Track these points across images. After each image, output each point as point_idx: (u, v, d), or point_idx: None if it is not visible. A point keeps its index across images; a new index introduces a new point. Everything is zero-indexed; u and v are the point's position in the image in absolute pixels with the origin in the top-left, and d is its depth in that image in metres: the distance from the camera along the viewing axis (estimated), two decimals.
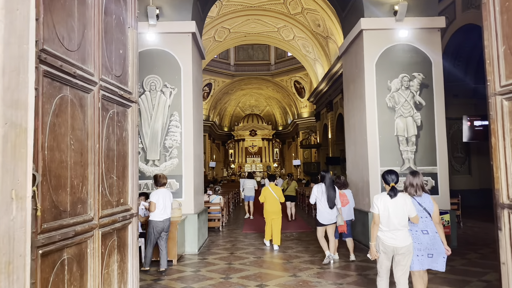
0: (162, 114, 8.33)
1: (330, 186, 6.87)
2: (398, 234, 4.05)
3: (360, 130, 8.74)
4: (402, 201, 4.11)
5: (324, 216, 6.82)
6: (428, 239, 4.22)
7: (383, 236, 4.12)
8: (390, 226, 4.06)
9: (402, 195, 4.20)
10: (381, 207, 4.13)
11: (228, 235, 10.24)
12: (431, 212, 4.28)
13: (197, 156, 8.84)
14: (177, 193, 8.19)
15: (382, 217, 4.12)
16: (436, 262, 4.22)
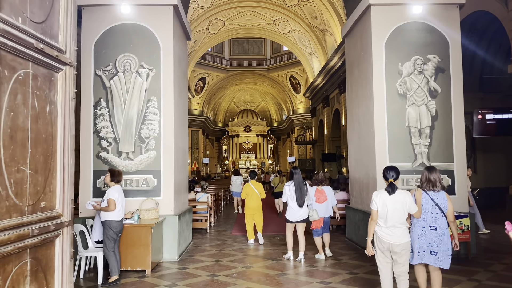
0: (138, 99, 7.07)
1: (299, 184, 6.58)
2: (395, 231, 4.00)
3: (366, 121, 7.53)
4: (401, 198, 4.06)
5: (293, 214, 6.60)
6: (434, 236, 4.17)
7: (380, 232, 4.08)
8: (388, 223, 4.01)
9: (402, 192, 4.14)
10: (380, 203, 4.07)
11: (215, 238, 9.02)
12: (444, 209, 4.21)
13: (179, 148, 7.59)
14: (154, 191, 6.95)
15: (381, 213, 4.07)
16: (440, 260, 4.16)
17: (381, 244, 4.09)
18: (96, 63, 7.09)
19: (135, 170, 6.96)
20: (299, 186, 6.59)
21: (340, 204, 9.84)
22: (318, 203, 6.86)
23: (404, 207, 4.03)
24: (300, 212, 6.57)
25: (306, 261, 6.69)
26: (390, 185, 4.16)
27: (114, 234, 5.60)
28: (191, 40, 29.57)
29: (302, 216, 6.59)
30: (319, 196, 6.91)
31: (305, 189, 6.62)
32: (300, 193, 6.54)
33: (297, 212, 6.56)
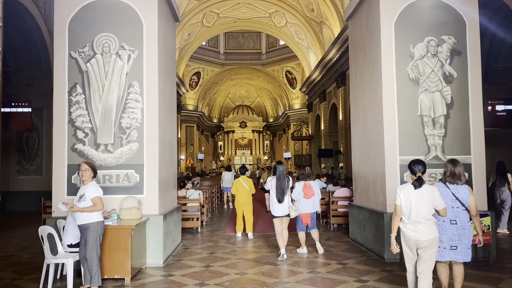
0: (118, 84, 6.21)
1: (280, 179, 6.34)
2: (419, 227, 3.80)
3: (373, 109, 6.73)
4: (427, 193, 3.84)
5: (275, 208, 6.38)
6: (455, 230, 4.05)
7: (404, 229, 3.91)
8: (411, 218, 3.83)
9: (428, 187, 3.91)
10: (403, 198, 3.91)
11: (207, 238, 8.20)
12: (465, 203, 4.08)
13: (166, 141, 6.75)
14: (137, 188, 6.10)
15: (404, 208, 3.88)
16: (460, 254, 4.04)
17: (406, 241, 3.91)
18: (71, 43, 6.22)
19: (115, 164, 6.12)
20: (280, 181, 6.34)
21: (342, 201, 9.06)
22: (306, 199, 6.63)
23: (429, 202, 3.80)
24: (281, 207, 6.34)
25: (307, 265, 5.89)
26: (418, 179, 3.93)
27: (101, 237, 4.84)
28: (186, 34, 28.62)
29: (285, 211, 6.35)
30: (306, 191, 6.65)
31: (286, 185, 6.36)
32: (281, 188, 6.30)
33: (279, 207, 6.33)
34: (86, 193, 4.77)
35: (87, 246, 4.73)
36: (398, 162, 6.24)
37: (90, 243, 4.74)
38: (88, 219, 4.77)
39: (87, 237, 4.75)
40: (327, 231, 8.87)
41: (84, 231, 4.78)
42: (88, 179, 4.78)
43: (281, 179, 6.36)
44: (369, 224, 6.77)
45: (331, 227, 9.08)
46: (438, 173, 6.22)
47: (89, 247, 4.73)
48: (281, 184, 6.33)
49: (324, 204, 9.75)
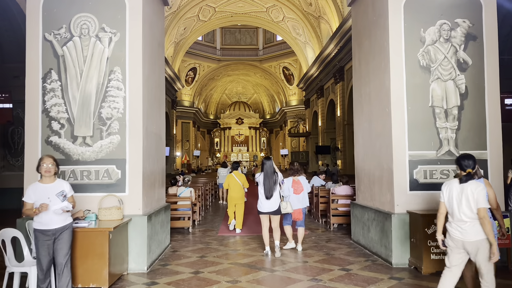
0: (98, 70, 5.53)
1: (268, 175, 6.10)
2: (464, 226, 3.51)
3: (380, 100, 6.09)
4: (472, 189, 3.50)
5: (261, 205, 6.17)
6: None
7: (449, 227, 3.66)
8: (454, 217, 3.58)
9: (474, 182, 3.55)
10: (446, 195, 3.67)
11: (199, 240, 7.55)
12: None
13: (151, 133, 6.09)
14: (118, 185, 5.44)
15: (448, 206, 3.66)
16: None
17: (452, 242, 3.61)
18: (46, 25, 5.53)
19: (94, 159, 5.45)
20: (267, 177, 6.10)
21: (343, 199, 8.43)
22: (295, 194, 6.45)
23: (471, 198, 3.47)
24: (269, 203, 6.08)
25: (306, 271, 5.26)
26: (467, 175, 3.58)
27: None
28: (182, 28, 27.85)
29: (272, 207, 6.10)
30: (296, 187, 6.47)
31: (275, 180, 6.11)
32: (269, 184, 6.06)
33: (266, 204, 6.10)
34: (64, 190, 4.15)
35: (64, 251, 4.10)
36: (407, 158, 5.61)
37: (69, 246, 4.14)
38: (68, 219, 4.21)
39: (66, 241, 4.14)
40: (327, 231, 8.25)
41: (62, 234, 4.13)
42: (52, 176, 4.11)
43: (268, 174, 6.10)
44: (374, 225, 6.14)
45: (331, 227, 8.46)
46: (451, 170, 5.60)
47: (67, 252, 4.12)
48: (269, 180, 6.08)
49: (324, 203, 9.14)
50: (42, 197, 4.02)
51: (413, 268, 5.35)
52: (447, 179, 5.59)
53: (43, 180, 4.09)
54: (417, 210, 5.44)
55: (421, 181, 5.60)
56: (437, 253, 5.06)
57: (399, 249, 5.51)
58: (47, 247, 4.02)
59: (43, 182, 4.08)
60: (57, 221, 4.08)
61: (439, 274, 4.97)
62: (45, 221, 4.03)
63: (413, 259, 5.35)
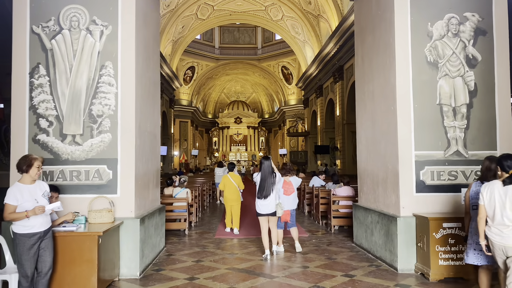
0: (88, 65, 5.23)
1: (265, 175, 5.89)
2: (505, 231, 3.28)
3: (384, 98, 5.80)
4: None
5: (259, 206, 5.95)
6: None
7: (488, 232, 3.42)
8: (495, 220, 3.34)
9: None
10: (487, 198, 3.40)
11: (195, 242, 7.25)
12: None
13: (145, 132, 5.79)
14: (109, 186, 5.14)
15: (488, 209, 3.40)
16: None
17: (493, 247, 3.42)
18: (33, 17, 5.22)
19: (84, 159, 5.14)
20: (265, 177, 5.90)
21: (344, 201, 8.15)
22: (285, 195, 6.31)
23: None
24: (265, 204, 5.88)
25: (308, 278, 4.96)
26: (510, 176, 3.35)
27: None
28: (180, 26, 27.50)
29: (268, 209, 5.89)
30: (287, 188, 6.35)
31: (272, 181, 5.89)
32: (264, 185, 5.86)
33: (262, 205, 5.90)
34: (47, 191, 3.96)
35: (50, 257, 3.90)
36: (413, 158, 5.33)
37: (52, 254, 3.89)
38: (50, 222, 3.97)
39: (51, 245, 3.94)
40: (328, 233, 7.96)
41: (48, 237, 3.93)
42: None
43: (266, 175, 5.90)
44: (378, 229, 5.86)
45: (331, 229, 8.17)
46: (459, 171, 5.33)
47: (52, 259, 3.87)
48: (266, 180, 5.87)
49: (324, 204, 8.85)
50: (29, 199, 3.74)
51: (419, 274, 5.07)
52: (455, 181, 5.33)
53: (24, 180, 3.80)
54: (424, 213, 5.16)
55: (428, 183, 5.32)
56: (445, 259, 4.79)
57: (405, 254, 5.22)
58: (34, 252, 3.76)
59: (24, 183, 3.79)
60: (43, 223, 3.85)
61: (447, 281, 4.73)
62: (33, 224, 3.74)
63: (420, 264, 5.07)
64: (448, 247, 4.80)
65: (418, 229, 5.14)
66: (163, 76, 25.41)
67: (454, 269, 4.78)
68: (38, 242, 3.78)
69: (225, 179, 8.30)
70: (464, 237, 4.17)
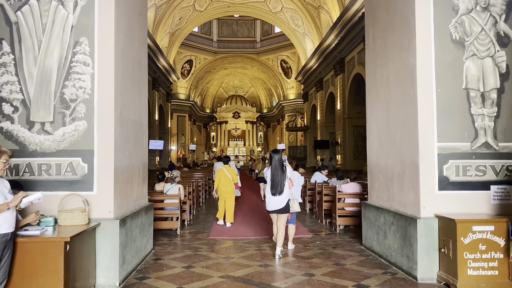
0: (60, 41, 4.45)
1: (276, 170, 5.54)
2: None
3: (401, 82, 5.05)
4: None
5: (268, 202, 5.63)
6: None
7: None
8: None
9: None
10: None
11: (187, 244, 6.51)
12: None
13: (127, 119, 5.02)
14: (84, 182, 4.38)
15: None
16: None
17: None
18: None
19: (55, 150, 4.39)
20: (275, 172, 5.52)
21: (350, 198, 7.42)
22: None
23: None
24: (276, 201, 5.50)
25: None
26: None
27: None
28: (177, 18, 26.58)
29: (278, 205, 5.50)
30: None
31: (283, 176, 5.51)
32: (277, 180, 5.49)
33: (273, 201, 5.54)
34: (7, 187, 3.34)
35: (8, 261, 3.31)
36: (435, 151, 4.58)
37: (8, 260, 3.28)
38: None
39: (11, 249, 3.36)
40: (332, 234, 7.23)
41: (10, 240, 3.28)
42: None
43: (276, 169, 5.51)
44: (392, 231, 5.12)
45: (336, 229, 7.44)
46: (488, 166, 4.59)
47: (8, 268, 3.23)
48: (277, 175, 5.50)
49: (328, 201, 8.12)
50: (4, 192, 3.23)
51: (443, 284, 4.35)
52: (483, 177, 4.60)
53: None
54: (448, 214, 4.43)
55: (452, 179, 4.58)
56: (475, 268, 4.06)
57: (426, 261, 4.49)
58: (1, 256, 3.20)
59: None
60: (12, 223, 3.30)
61: None
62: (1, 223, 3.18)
63: (444, 273, 4.34)
64: (479, 255, 4.07)
65: (442, 232, 4.41)
66: (159, 69, 24.57)
67: (486, 280, 4.06)
68: (5, 246, 3.19)
69: (220, 173, 8.25)
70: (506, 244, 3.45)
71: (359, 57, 18.16)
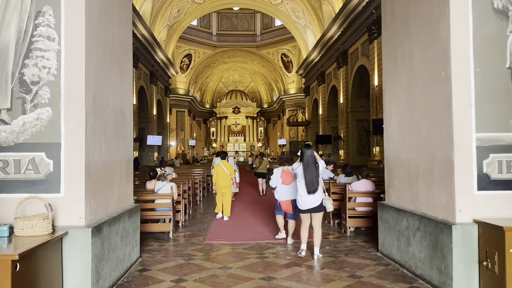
0: (19, 11, 3.62)
1: (309, 166, 5.11)
2: None
3: (429, 61, 4.21)
4: None
5: (301, 201, 5.17)
6: None
7: None
8: None
9: None
10: None
11: (180, 250, 5.70)
12: None
13: (104, 107, 4.19)
14: (50, 182, 3.56)
15: None
16: None
17: None
18: None
19: (13, 143, 3.57)
20: (309, 168, 5.05)
21: (362, 197, 6.61)
22: (284, 185, 5.87)
23: None
24: (311, 199, 5.08)
25: None
26: None
27: None
28: (175, 10, 25.61)
29: (314, 203, 5.09)
30: (285, 177, 5.88)
31: (317, 173, 5.10)
32: (311, 177, 5.04)
33: (308, 200, 5.09)
34: None
35: None
36: (473, 143, 3.76)
37: None
38: None
39: None
40: (342, 237, 6.42)
41: None
42: None
43: (309, 166, 5.05)
44: (418, 238, 4.31)
45: (346, 232, 6.63)
46: None
47: None
48: (310, 171, 5.05)
49: (337, 200, 7.30)
50: None
51: None
52: None
53: None
54: (489, 219, 3.62)
55: (494, 177, 3.76)
56: None
57: (462, 276, 3.68)
58: None
59: None
60: None
61: None
62: None
63: None
64: None
65: (484, 242, 3.60)
66: (157, 62, 23.70)
67: None
68: None
69: (217, 168, 8.31)
70: None
71: (363, 48, 17.30)
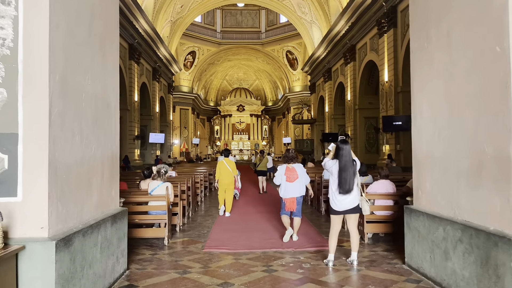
0: None
1: (346, 164, 4.51)
2: None
3: (476, 36, 3.39)
4: None
5: (336, 202, 4.60)
6: None
7: None
8: None
9: None
10: None
11: (175, 260, 4.91)
12: None
13: (79, 91, 3.42)
14: (4, 182, 2.79)
15: None
16: None
17: None
18: None
19: None
20: (345, 167, 4.52)
21: (381, 200, 5.81)
22: (288, 182, 5.69)
23: None
24: (348, 200, 4.59)
25: None
26: None
27: None
28: (178, 6, 24.87)
29: (350, 204, 4.61)
30: (289, 174, 5.70)
31: (354, 171, 4.57)
32: (347, 177, 4.52)
33: (342, 200, 4.60)
34: None
35: None
36: None
37: None
38: None
39: None
40: (360, 245, 5.54)
41: None
42: None
43: (346, 163, 4.52)
44: (460, 251, 3.51)
45: (364, 238, 5.83)
46: None
47: None
48: (347, 170, 4.51)
49: None
50: None
51: None
52: None
53: None
54: None
55: None
56: None
57: None
58: None
59: None
60: None
61: None
62: None
63: None
64: None
65: None
66: (160, 58, 22.98)
67: None
68: None
69: (220, 165, 8.36)
70: None
71: (372, 43, 16.46)
